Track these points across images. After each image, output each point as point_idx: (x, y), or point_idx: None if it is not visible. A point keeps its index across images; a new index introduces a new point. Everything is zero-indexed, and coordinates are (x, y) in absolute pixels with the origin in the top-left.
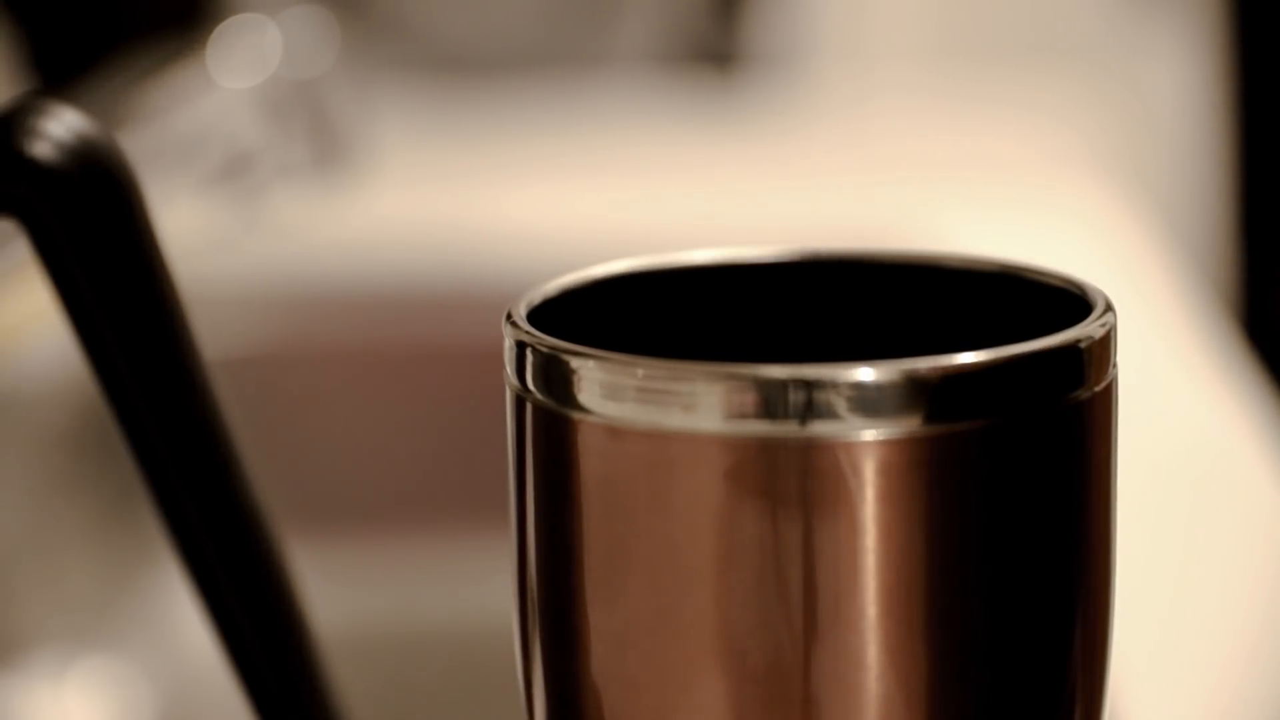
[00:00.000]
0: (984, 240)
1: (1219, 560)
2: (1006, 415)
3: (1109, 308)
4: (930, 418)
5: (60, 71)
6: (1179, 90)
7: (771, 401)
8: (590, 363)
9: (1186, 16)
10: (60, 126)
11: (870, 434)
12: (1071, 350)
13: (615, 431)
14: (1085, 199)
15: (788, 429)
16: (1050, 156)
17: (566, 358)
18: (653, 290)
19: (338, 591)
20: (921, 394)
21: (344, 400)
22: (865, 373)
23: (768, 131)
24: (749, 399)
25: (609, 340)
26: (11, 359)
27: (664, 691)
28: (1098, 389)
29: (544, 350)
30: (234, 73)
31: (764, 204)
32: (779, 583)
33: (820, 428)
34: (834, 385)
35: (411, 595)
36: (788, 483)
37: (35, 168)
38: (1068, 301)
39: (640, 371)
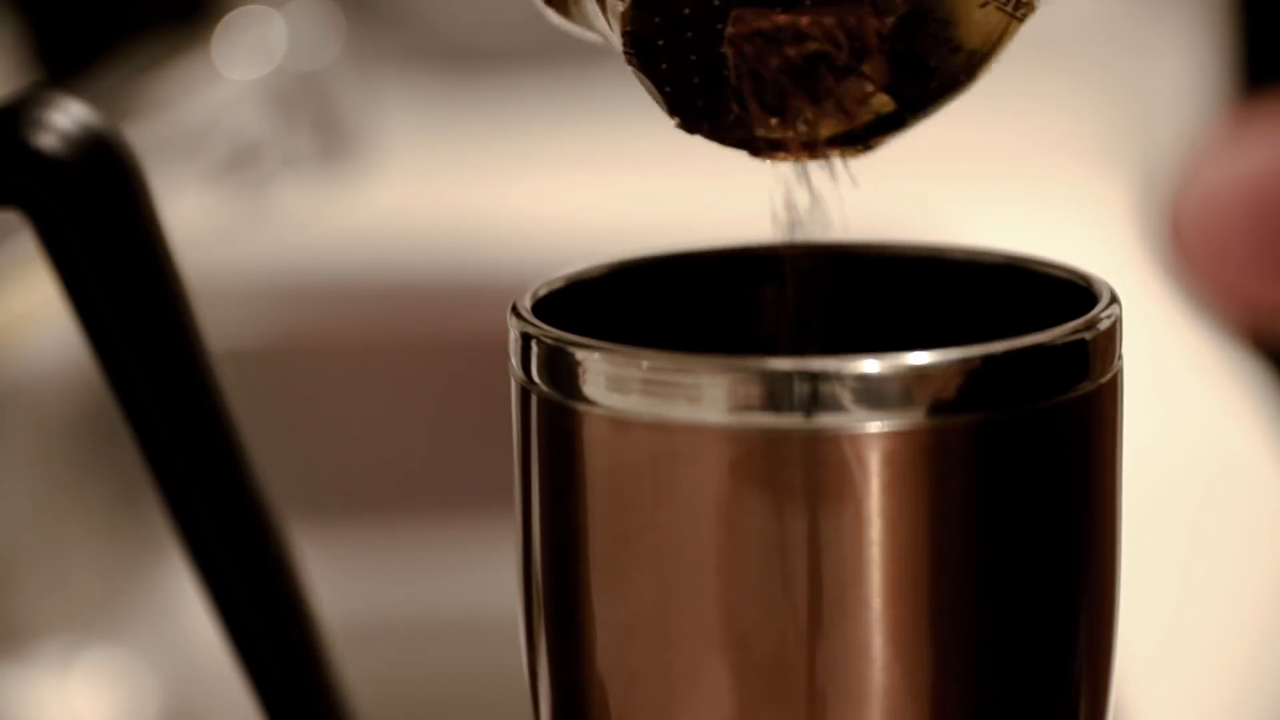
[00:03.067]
0: (989, 232)
1: (1225, 553)
2: (1012, 407)
3: (1114, 300)
4: (935, 410)
5: (65, 63)
6: (1184, 82)
7: (776, 394)
8: (595, 355)
9: (1192, 9)
10: (65, 118)
11: (875, 426)
12: (1077, 342)
13: (620, 423)
14: (1091, 191)
15: (793, 421)
16: (1055, 148)
17: (571, 350)
18: (658, 282)
19: (343, 582)
20: (926, 386)
21: (349, 392)
22: (870, 365)
23: None
24: (754, 391)
25: (614, 332)
26: (17, 350)
27: (669, 683)
28: (1103, 381)
29: (549, 342)
30: (239, 65)
31: (769, 197)
32: (784, 575)
33: (825, 420)
34: (839, 377)
35: (416, 586)
36: (793, 475)
37: (40, 159)
38: (1073, 293)
39: (645, 363)
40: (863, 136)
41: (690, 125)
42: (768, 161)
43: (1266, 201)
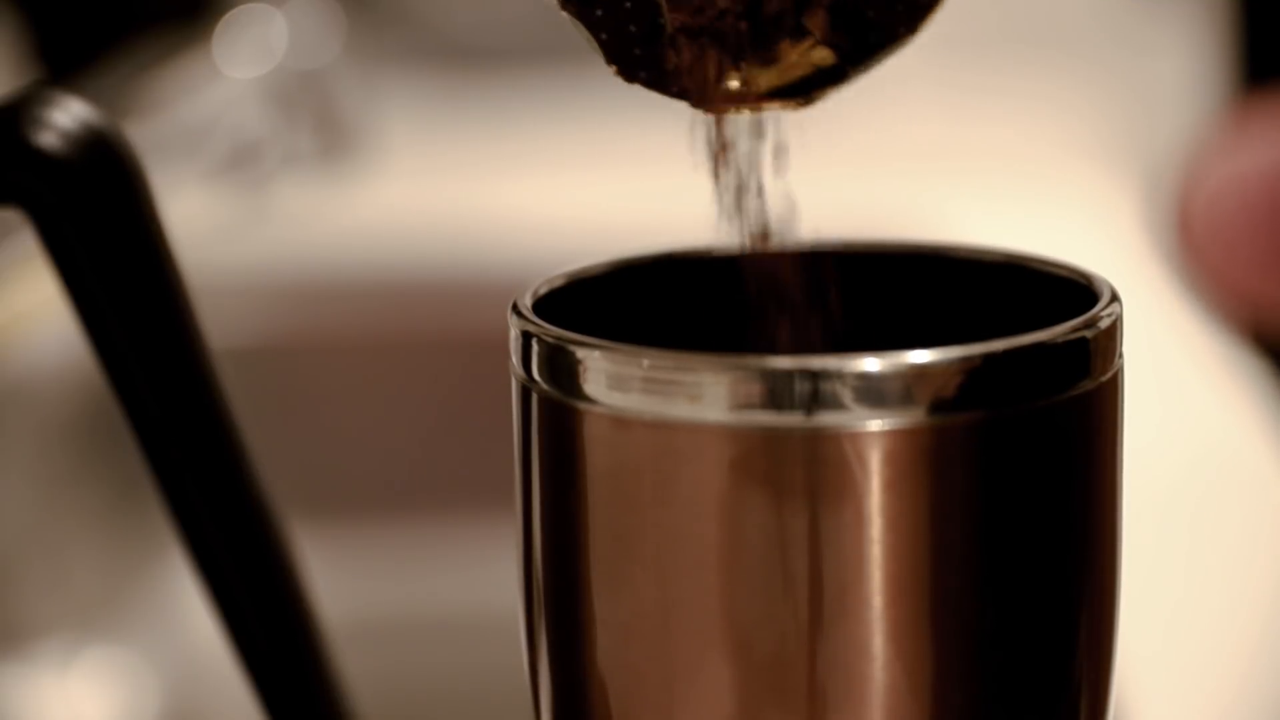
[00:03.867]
0: (990, 231)
1: (1226, 550)
2: (1012, 406)
3: (1115, 298)
4: (936, 408)
5: (66, 62)
6: (1185, 80)
7: (777, 392)
8: (595, 353)
9: (1192, 6)
10: (66, 117)
11: (875, 425)
12: (1078, 341)
13: (621, 422)
14: (1092, 189)
15: (793, 420)
16: (1056, 147)
17: (572, 348)
18: (659, 280)
19: (343, 580)
20: (927, 385)
21: (349, 390)
22: (871, 364)
23: None
24: (754, 389)
25: (615, 330)
26: (17, 349)
27: (669, 681)
28: (1104, 379)
29: (549, 340)
30: (240, 63)
31: (770, 195)
32: (784, 573)
33: (826, 418)
34: (839, 376)
35: (417, 584)
36: (793, 473)
37: (41, 158)
38: (1074, 292)
39: (646, 362)
40: (803, 89)
41: (628, 74)
42: (710, 114)
43: (1274, 198)
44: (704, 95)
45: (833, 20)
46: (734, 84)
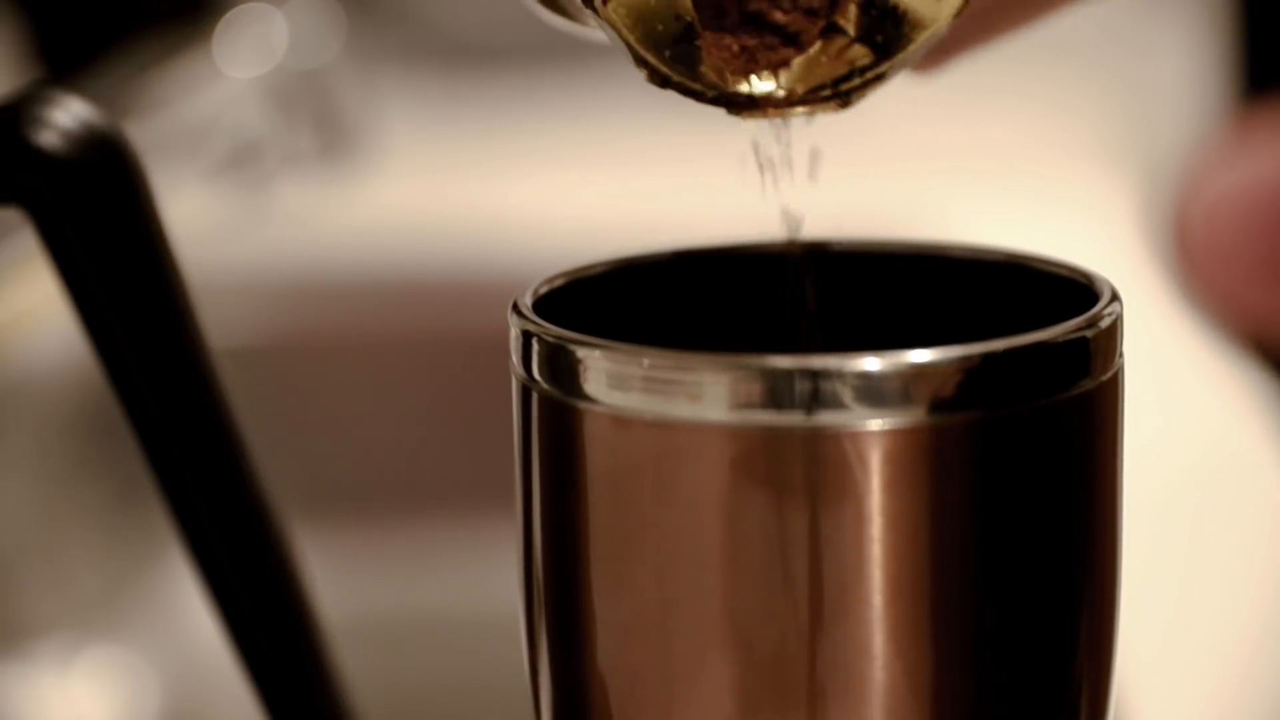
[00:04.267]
0: (991, 230)
1: (1226, 550)
2: (1012, 405)
3: (1115, 297)
4: (936, 408)
5: (67, 61)
6: (1186, 81)
7: (777, 391)
8: (596, 352)
9: (1193, 7)
10: (67, 116)
11: (876, 424)
12: (1078, 340)
13: (621, 421)
14: (1093, 189)
15: (793, 419)
16: (1057, 147)
17: (572, 347)
18: (659, 280)
19: (344, 580)
20: (927, 384)
21: (349, 389)
22: (871, 363)
23: None
24: (755, 389)
25: (615, 330)
26: (18, 348)
27: (670, 681)
28: (1104, 379)
29: (550, 340)
30: (240, 62)
31: (771, 194)
32: (785, 572)
33: (826, 418)
34: (840, 375)
35: (417, 584)
36: (793, 473)
37: (42, 157)
38: (1075, 291)
39: (646, 361)
40: (841, 92)
41: (660, 80)
42: (745, 119)
43: (1272, 210)
44: (739, 100)
45: (864, 14)
46: (769, 88)
